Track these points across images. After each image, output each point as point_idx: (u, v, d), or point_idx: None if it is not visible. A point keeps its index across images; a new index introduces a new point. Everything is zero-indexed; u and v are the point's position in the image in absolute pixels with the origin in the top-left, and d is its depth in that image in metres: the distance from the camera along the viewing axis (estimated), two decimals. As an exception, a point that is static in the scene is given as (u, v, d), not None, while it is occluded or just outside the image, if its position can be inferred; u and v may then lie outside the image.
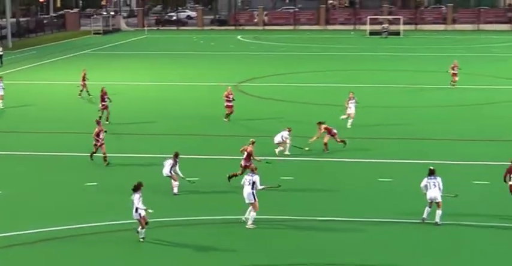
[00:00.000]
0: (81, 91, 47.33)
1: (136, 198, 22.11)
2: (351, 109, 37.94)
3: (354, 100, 37.90)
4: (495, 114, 42.58)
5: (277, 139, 33.13)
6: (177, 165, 27.08)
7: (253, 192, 23.70)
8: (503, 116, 41.83)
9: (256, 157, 28.02)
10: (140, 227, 22.23)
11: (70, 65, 64.40)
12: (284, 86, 52.95)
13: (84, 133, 35.68)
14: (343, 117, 38.12)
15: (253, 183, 23.79)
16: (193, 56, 71.85)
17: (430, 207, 23.95)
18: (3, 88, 44.90)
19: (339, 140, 33.39)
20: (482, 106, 44.85)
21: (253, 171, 24.41)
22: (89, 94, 47.19)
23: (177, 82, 54.93)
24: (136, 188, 22.30)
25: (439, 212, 23.72)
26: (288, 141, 32.89)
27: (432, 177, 23.92)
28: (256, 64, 65.51)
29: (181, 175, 27.26)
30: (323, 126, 33.37)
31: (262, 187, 24.20)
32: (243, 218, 23.98)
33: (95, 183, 28.77)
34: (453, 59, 54.56)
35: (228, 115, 39.90)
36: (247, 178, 24.05)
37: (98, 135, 31.23)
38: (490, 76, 55.61)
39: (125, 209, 24.61)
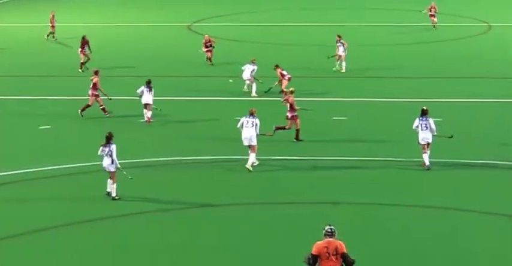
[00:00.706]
0: (51, 33, 46.50)
1: (114, 149, 21.05)
2: (339, 51, 37.23)
3: (340, 43, 37.21)
4: (449, 51, 42.95)
5: (246, 75, 33.12)
6: (152, 91, 28.50)
7: (256, 134, 23.64)
8: (454, 54, 42.22)
9: (296, 107, 26.64)
10: (112, 182, 21.14)
11: (22, 6, 62.79)
12: (242, 26, 52.23)
13: (47, 76, 35.32)
14: (339, 68, 37.49)
15: (256, 124, 23.68)
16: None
17: (425, 152, 23.54)
18: None
19: (283, 88, 32.81)
20: (432, 44, 45.15)
21: (253, 114, 24.00)
22: (53, 37, 46.44)
23: (126, 24, 53.49)
24: (109, 138, 21.19)
25: (428, 153, 23.59)
26: (253, 80, 32.87)
27: (424, 118, 23.60)
28: (209, 3, 63.64)
29: (151, 102, 28.56)
30: (278, 70, 33.15)
31: (257, 132, 23.98)
32: (251, 166, 23.74)
33: (48, 126, 28.59)
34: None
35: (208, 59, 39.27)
36: (248, 120, 23.71)
37: (95, 86, 29.38)
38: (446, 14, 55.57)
39: (81, 152, 24.56)
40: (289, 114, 26.34)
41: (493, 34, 48.51)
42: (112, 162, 21.10)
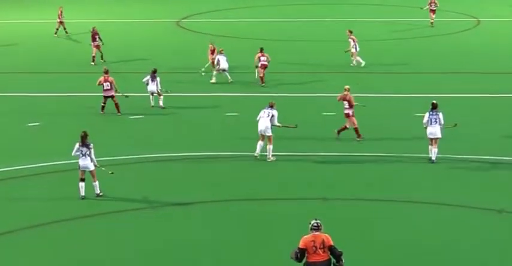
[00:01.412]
0: (58, 29, 46.49)
1: (92, 149, 20.82)
2: (351, 47, 36.96)
3: (350, 39, 36.90)
4: (440, 47, 43.01)
5: (224, 65, 33.42)
6: (158, 80, 29.74)
7: (271, 125, 23.75)
8: (445, 49, 42.29)
9: (354, 103, 26.13)
10: (94, 179, 20.96)
11: (21, 2, 62.32)
12: (234, 22, 52.04)
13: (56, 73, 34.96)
14: (356, 64, 37.33)
15: (273, 116, 23.83)
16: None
17: (432, 145, 23.63)
18: None
19: (261, 75, 33.50)
20: (421, 39, 45.20)
21: (272, 106, 24.19)
22: (66, 32, 46.60)
23: (112, 20, 52.83)
24: (84, 138, 20.85)
25: (435, 150, 23.63)
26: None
27: (434, 113, 23.55)
28: None
29: (159, 87, 29.67)
30: (258, 54, 33.55)
31: (279, 124, 24.09)
32: (256, 155, 24.03)
33: (37, 123, 28.50)
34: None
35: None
36: (265, 111, 23.97)
37: (100, 84, 28.88)
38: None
39: (68, 150, 24.38)
40: (349, 112, 25.95)
41: (482, 29, 48.61)
42: (91, 161, 20.89)
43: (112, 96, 28.90)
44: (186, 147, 25.52)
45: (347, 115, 25.96)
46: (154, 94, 30.21)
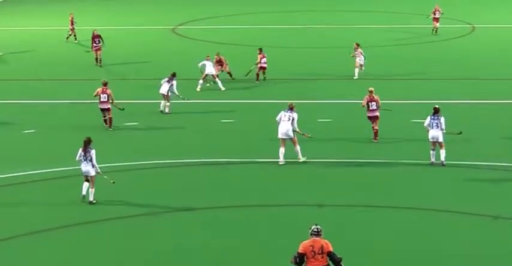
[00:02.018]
0: (70, 35, 46.58)
1: (94, 154, 20.91)
2: (359, 60, 36.47)
3: (357, 52, 36.40)
4: (435, 53, 43.11)
5: (210, 70, 33.59)
6: (174, 84, 29.98)
7: (292, 128, 23.84)
8: (440, 55, 42.37)
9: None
10: (91, 186, 21.00)
11: (18, 7, 62.15)
12: (230, 28, 51.95)
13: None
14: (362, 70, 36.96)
15: (293, 119, 23.93)
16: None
17: (433, 150, 23.78)
18: None
19: (261, 74, 34.79)
20: (416, 46, 45.29)
21: (292, 109, 24.27)
22: (75, 39, 46.46)
23: (107, 27, 52.63)
24: (87, 143, 20.95)
25: (442, 152, 23.75)
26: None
27: (435, 117, 23.73)
28: (195, 4, 62.66)
29: (177, 93, 30.12)
30: (260, 55, 34.42)
31: (298, 130, 24.17)
32: (281, 163, 24.06)
33: (33, 130, 28.50)
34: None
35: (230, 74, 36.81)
36: (286, 114, 24.05)
37: (97, 95, 28.32)
38: (417, 14, 55.50)
39: (62, 157, 24.37)
40: (378, 114, 26.04)
41: (476, 35, 48.72)
42: (92, 167, 20.98)
43: (108, 109, 28.58)
44: (184, 153, 25.53)
45: (375, 117, 26.02)
46: (165, 100, 30.24)
